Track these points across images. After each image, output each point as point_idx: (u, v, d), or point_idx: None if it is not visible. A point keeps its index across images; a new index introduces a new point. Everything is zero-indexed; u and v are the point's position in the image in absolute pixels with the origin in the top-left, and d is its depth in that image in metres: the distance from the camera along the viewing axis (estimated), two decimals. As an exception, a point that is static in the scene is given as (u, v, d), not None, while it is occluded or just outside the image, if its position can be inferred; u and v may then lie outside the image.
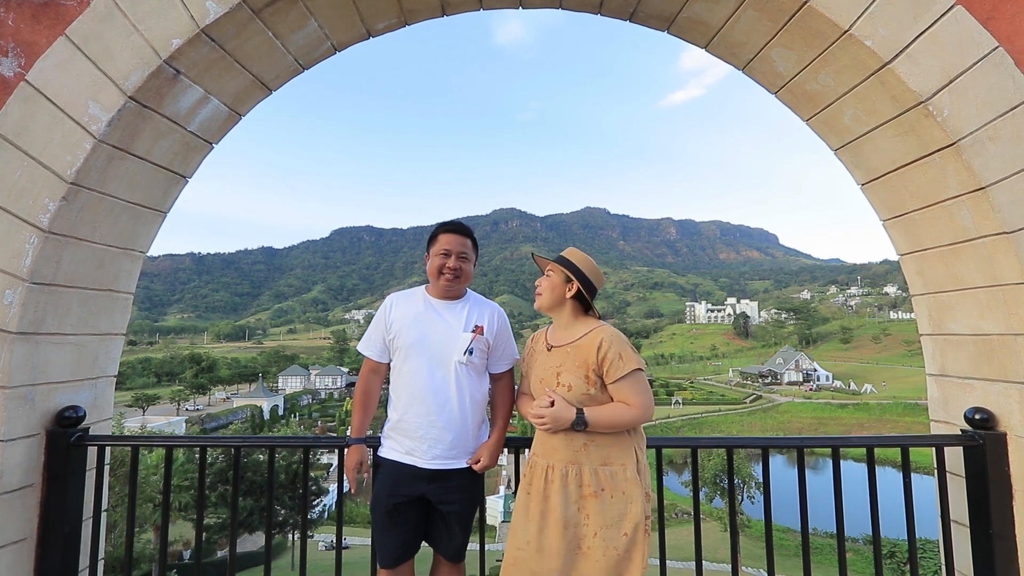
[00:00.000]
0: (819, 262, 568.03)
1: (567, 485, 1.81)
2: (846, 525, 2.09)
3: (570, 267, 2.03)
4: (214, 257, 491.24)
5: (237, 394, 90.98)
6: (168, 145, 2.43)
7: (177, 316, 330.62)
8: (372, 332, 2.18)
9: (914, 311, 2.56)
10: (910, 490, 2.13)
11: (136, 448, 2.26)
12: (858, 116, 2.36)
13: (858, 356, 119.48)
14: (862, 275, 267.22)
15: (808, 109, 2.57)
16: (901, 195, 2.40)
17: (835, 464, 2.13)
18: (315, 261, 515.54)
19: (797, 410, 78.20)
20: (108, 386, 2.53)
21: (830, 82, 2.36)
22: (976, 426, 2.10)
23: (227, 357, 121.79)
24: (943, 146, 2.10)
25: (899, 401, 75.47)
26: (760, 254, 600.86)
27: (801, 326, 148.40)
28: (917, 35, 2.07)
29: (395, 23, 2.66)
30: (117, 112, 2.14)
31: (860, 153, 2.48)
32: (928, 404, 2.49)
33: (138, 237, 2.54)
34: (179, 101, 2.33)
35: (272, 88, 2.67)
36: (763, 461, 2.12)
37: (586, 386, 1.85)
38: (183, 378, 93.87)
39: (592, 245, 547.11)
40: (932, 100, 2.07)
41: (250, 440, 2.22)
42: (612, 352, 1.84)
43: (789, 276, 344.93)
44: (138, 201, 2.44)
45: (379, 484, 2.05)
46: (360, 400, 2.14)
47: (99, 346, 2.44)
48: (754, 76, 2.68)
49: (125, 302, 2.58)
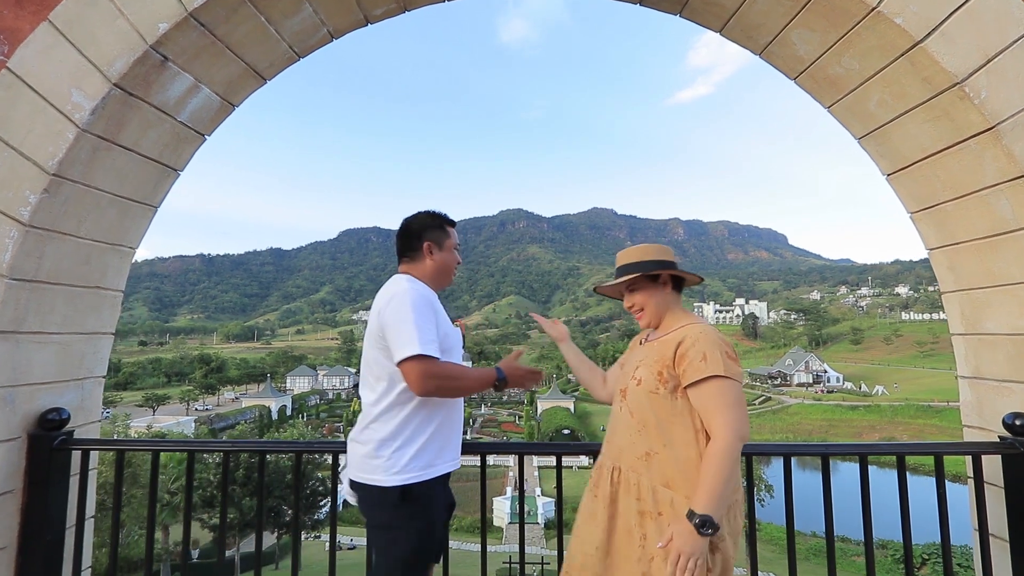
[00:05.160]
0: (829, 262, 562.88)
1: (630, 491, 1.59)
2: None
3: (645, 265, 1.74)
4: (223, 258, 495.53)
5: (246, 394, 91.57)
6: (157, 136, 2.33)
7: (187, 317, 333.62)
8: (430, 329, 1.74)
9: (944, 310, 2.41)
10: (944, 501, 1.98)
11: (122, 452, 2.16)
12: (885, 101, 2.21)
13: (869, 357, 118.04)
14: (873, 275, 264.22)
15: (830, 95, 2.42)
16: (932, 185, 2.25)
17: (863, 473, 1.98)
18: (323, 262, 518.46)
19: (807, 412, 77.31)
20: (96, 387, 2.44)
21: (855, 65, 2.21)
22: (1016, 432, 1.94)
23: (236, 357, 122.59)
24: (980, 131, 1.95)
25: (911, 403, 74.38)
26: (769, 254, 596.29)
27: (811, 327, 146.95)
28: (952, 11, 1.92)
29: (394, 8, 2.55)
30: (101, 100, 2.04)
31: (887, 141, 2.33)
32: (960, 408, 2.33)
33: (127, 232, 2.44)
34: (168, 89, 2.23)
35: (267, 77, 2.57)
36: (785, 469, 1.98)
37: (656, 383, 1.60)
38: (193, 378, 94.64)
39: (599, 246, 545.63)
40: (968, 81, 1.92)
41: (239, 444, 2.12)
42: (694, 351, 1.55)
43: (798, 276, 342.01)
44: (126, 195, 2.34)
45: (424, 518, 1.74)
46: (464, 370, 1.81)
47: (86, 345, 2.35)
48: (772, 61, 2.54)
49: (114, 299, 2.49)
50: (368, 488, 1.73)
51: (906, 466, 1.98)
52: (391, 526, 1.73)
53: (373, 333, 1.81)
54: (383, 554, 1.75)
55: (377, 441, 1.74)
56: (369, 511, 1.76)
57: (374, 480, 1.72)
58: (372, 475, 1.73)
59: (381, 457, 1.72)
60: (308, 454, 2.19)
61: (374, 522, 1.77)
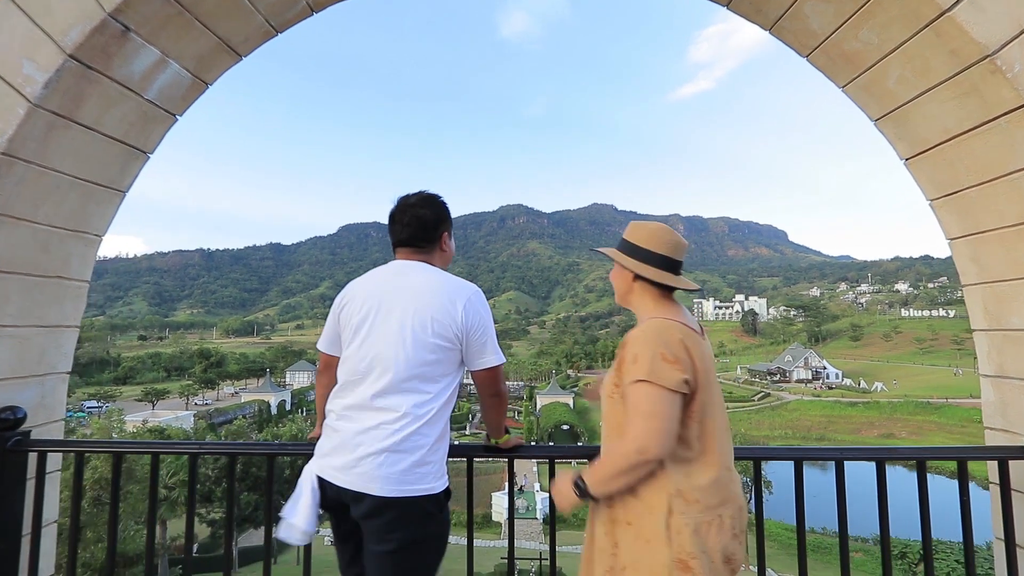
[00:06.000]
0: (829, 259, 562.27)
1: (603, 499, 1.48)
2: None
3: (626, 248, 1.60)
4: (223, 253, 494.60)
5: (245, 389, 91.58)
6: (122, 114, 2.17)
7: (187, 312, 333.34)
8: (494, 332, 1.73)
9: (965, 304, 2.25)
10: (968, 509, 1.83)
11: (81, 454, 2.01)
12: (906, 78, 2.05)
13: (868, 354, 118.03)
14: (873, 272, 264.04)
15: (845, 73, 2.26)
16: (955, 169, 2.09)
17: (880, 478, 1.84)
18: (323, 257, 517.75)
19: (806, 408, 77.36)
20: (59, 384, 2.28)
21: (873, 39, 2.04)
22: (1047, 436, 1.79)
23: (236, 352, 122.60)
24: (1012, 108, 1.78)
25: (910, 399, 74.43)
26: (769, 251, 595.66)
27: (810, 323, 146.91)
28: (983, -24, 1.76)
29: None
30: (55, 73, 1.87)
31: (906, 122, 2.17)
32: (982, 409, 2.18)
33: (91, 218, 2.28)
34: (131, 63, 2.07)
35: (242, 53, 2.40)
36: (796, 473, 1.83)
37: (612, 388, 1.50)
38: (192, 373, 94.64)
39: (599, 242, 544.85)
40: (1000, 53, 1.76)
41: (207, 447, 1.96)
42: (629, 352, 1.43)
43: (798, 273, 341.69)
44: (89, 177, 2.18)
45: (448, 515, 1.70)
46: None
47: (46, 339, 2.19)
48: (783, 37, 2.37)
49: (79, 291, 2.33)
50: (413, 501, 1.53)
51: (927, 471, 1.83)
52: (433, 535, 1.59)
53: (438, 332, 1.59)
54: (416, 571, 1.58)
55: (428, 447, 1.57)
56: (406, 528, 1.54)
57: (423, 490, 1.55)
58: (420, 484, 1.55)
59: (431, 463, 1.58)
60: (283, 455, 2.03)
61: (412, 537, 1.55)
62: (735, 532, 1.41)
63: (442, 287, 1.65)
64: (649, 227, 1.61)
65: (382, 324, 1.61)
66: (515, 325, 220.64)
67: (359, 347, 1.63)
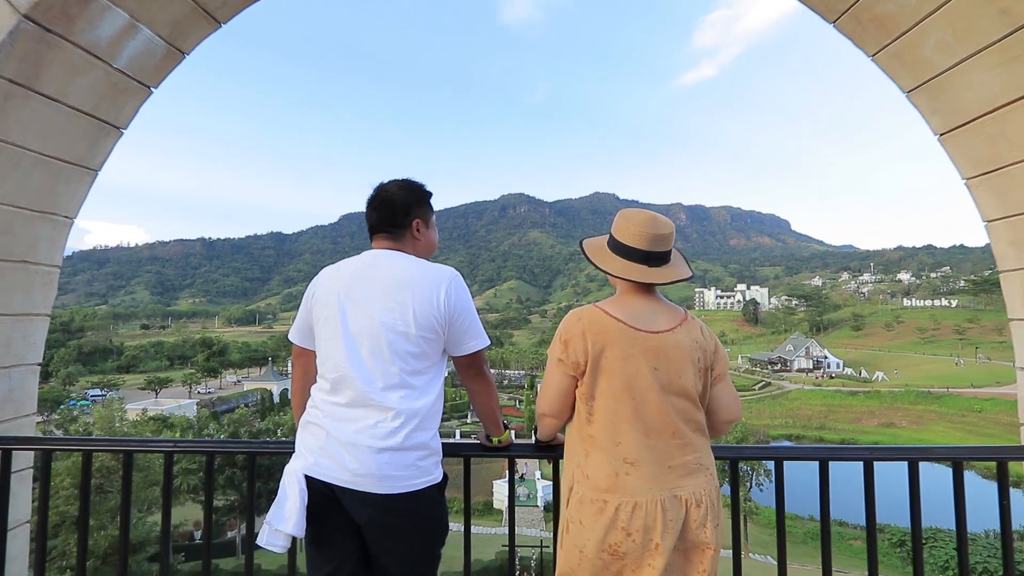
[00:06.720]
0: (831, 248, 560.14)
1: None
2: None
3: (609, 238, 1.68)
4: (224, 242, 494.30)
5: (248, 377, 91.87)
6: (89, 85, 2.00)
7: (189, 301, 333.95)
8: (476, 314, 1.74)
9: (1002, 290, 2.09)
10: (1008, 513, 1.68)
11: (48, 452, 1.87)
12: (946, 43, 1.87)
13: (870, 343, 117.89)
14: (875, 261, 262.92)
15: (876, 40, 2.07)
16: (996, 144, 1.91)
17: (912, 479, 1.69)
18: (324, 246, 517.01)
19: (807, 397, 77.43)
20: (29, 376, 2.14)
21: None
22: (1095, 435, 1.64)
23: (238, 341, 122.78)
24: (1069, 73, 1.61)
25: (911, 389, 74.42)
26: (771, 240, 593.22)
27: (812, 313, 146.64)
28: (1041, -77, 1.58)
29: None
30: (9, 35, 1.70)
31: (943, 93, 1.99)
32: (1018, 404, 2.03)
33: (60, 198, 2.12)
34: (97, 27, 1.89)
35: (220, 20, 2.22)
36: (821, 475, 1.69)
37: None
38: (195, 361, 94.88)
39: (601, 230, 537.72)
40: (1057, 11, 1.58)
41: (182, 444, 1.83)
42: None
43: (800, 262, 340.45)
44: (55, 154, 2.02)
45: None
46: None
47: (12, 329, 2.04)
48: (809, 2, 2.18)
49: (48, 276, 2.18)
50: (422, 494, 1.52)
51: (963, 472, 1.68)
52: (440, 522, 1.59)
53: (421, 324, 1.52)
54: (423, 562, 1.57)
55: (428, 439, 1.56)
56: (416, 519, 1.53)
57: (430, 480, 1.55)
58: (426, 476, 1.54)
59: (435, 451, 1.58)
60: (264, 453, 1.89)
61: (423, 527, 1.55)
62: (626, 529, 1.39)
63: (419, 277, 1.59)
64: (627, 217, 1.63)
65: (358, 319, 1.53)
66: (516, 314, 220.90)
67: (339, 343, 1.53)
